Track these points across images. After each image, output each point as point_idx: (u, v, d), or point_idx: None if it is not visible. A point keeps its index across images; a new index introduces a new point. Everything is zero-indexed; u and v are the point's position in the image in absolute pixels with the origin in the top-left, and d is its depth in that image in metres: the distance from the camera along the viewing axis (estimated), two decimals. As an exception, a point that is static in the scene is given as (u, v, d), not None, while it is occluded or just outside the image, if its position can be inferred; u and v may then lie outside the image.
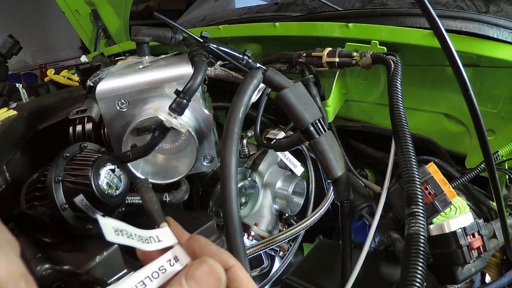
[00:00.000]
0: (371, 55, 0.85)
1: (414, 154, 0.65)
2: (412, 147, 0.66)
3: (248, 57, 0.89)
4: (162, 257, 0.40)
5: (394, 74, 0.77)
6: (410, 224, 0.56)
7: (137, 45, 0.80)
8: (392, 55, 0.83)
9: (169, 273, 0.39)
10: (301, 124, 0.68)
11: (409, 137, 0.67)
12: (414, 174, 0.61)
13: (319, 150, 0.68)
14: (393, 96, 0.73)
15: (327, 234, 1.28)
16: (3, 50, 1.77)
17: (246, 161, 1.07)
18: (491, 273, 0.83)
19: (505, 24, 0.83)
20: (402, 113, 0.70)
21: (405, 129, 0.67)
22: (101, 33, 2.07)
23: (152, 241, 0.40)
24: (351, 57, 0.89)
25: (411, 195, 0.59)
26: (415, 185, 0.60)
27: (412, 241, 0.54)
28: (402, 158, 0.64)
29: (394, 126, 0.70)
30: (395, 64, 0.80)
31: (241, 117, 0.61)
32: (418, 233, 0.54)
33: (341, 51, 0.92)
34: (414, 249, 0.53)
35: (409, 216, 0.57)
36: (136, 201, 0.78)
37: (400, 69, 0.79)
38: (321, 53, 0.93)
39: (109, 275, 0.66)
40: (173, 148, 0.77)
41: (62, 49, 6.12)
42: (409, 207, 0.58)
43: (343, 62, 0.90)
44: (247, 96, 0.63)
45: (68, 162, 0.65)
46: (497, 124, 0.93)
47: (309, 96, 0.70)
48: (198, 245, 0.41)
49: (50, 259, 0.63)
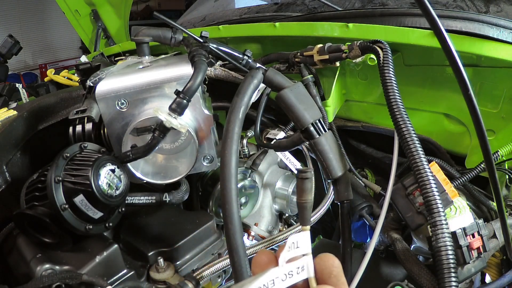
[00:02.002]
0: (358, 45, 0.84)
1: (422, 150, 0.64)
2: (418, 140, 0.65)
3: (248, 57, 0.89)
4: (295, 263, 0.41)
5: (385, 61, 0.75)
6: (437, 236, 0.58)
7: (137, 45, 0.80)
8: (379, 42, 0.81)
9: (294, 279, 0.40)
10: (301, 124, 0.68)
11: (413, 131, 0.66)
12: (430, 180, 0.61)
13: (319, 150, 0.68)
14: (388, 84, 0.70)
15: (327, 234, 1.28)
16: (3, 50, 1.77)
17: (246, 161, 1.07)
18: (491, 273, 0.83)
19: (505, 24, 0.83)
20: (401, 105, 0.68)
21: (407, 123, 0.66)
22: (101, 33, 2.07)
23: (292, 247, 0.41)
24: (341, 51, 0.88)
25: (431, 203, 0.59)
26: (433, 192, 0.60)
27: (441, 255, 0.57)
28: (413, 160, 0.63)
29: (395, 120, 0.68)
30: (383, 50, 0.78)
31: (241, 117, 0.61)
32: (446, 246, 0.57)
33: (330, 46, 0.91)
34: (446, 265, 0.56)
35: (433, 227, 0.58)
36: (136, 201, 0.78)
37: (390, 55, 0.76)
38: (312, 52, 0.92)
39: (109, 275, 0.66)
40: (173, 148, 0.77)
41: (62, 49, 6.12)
42: (431, 216, 0.59)
43: (333, 57, 0.89)
44: (247, 96, 0.64)
45: (68, 162, 0.65)
46: (497, 124, 0.93)
47: (309, 96, 0.70)
48: (325, 265, 0.42)
49: (50, 259, 0.63)
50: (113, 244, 0.67)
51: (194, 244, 0.81)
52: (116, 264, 0.67)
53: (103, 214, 0.66)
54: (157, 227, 0.83)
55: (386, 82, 0.70)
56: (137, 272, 0.71)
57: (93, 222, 0.65)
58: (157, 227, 0.83)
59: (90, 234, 0.65)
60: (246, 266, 0.58)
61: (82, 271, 0.62)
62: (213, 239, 0.83)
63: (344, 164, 0.69)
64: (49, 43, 5.99)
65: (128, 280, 0.68)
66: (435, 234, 0.58)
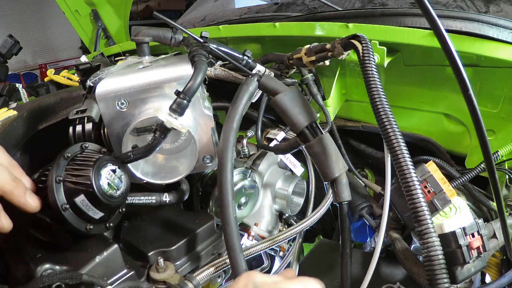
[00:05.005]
0: (339, 43, 0.82)
1: (407, 150, 0.60)
2: (403, 142, 0.61)
3: (248, 57, 0.89)
4: None
5: (365, 55, 0.69)
6: (426, 246, 0.57)
7: (137, 45, 0.80)
8: (357, 36, 0.75)
9: None
10: (296, 128, 0.69)
11: (398, 131, 0.61)
12: (416, 189, 0.58)
13: (314, 152, 0.68)
14: (370, 80, 0.65)
15: (327, 234, 1.28)
16: (3, 50, 1.77)
17: (246, 161, 1.07)
18: (491, 273, 0.83)
19: (505, 24, 0.83)
20: (386, 105, 0.64)
21: (393, 124, 0.62)
22: (101, 33, 2.07)
23: None
24: (326, 50, 0.86)
25: (417, 212, 0.57)
26: (419, 199, 0.57)
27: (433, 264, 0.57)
28: (398, 163, 0.60)
29: (379, 117, 0.64)
30: (363, 44, 0.72)
31: (235, 127, 0.66)
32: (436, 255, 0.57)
33: (315, 46, 0.89)
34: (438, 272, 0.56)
35: (421, 235, 0.57)
36: (136, 201, 0.78)
37: (369, 48, 0.70)
38: (300, 54, 0.92)
39: (109, 275, 0.66)
40: (173, 148, 0.77)
41: (62, 49, 6.13)
42: (418, 224, 0.57)
43: (320, 57, 0.88)
44: (242, 105, 0.68)
45: (69, 162, 0.65)
46: (497, 124, 0.93)
47: (304, 99, 0.71)
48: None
49: (50, 259, 0.63)
50: (113, 244, 0.67)
51: (194, 244, 0.81)
52: (116, 264, 0.67)
53: (104, 214, 0.66)
54: (157, 227, 0.83)
55: (369, 77, 0.66)
56: (137, 272, 0.70)
57: (94, 222, 0.65)
58: (157, 227, 0.83)
59: (90, 234, 0.65)
60: (243, 266, 0.59)
61: (82, 271, 0.62)
62: (213, 239, 0.83)
63: (342, 165, 0.69)
64: (49, 43, 5.99)
65: (128, 280, 0.68)
66: (424, 244, 0.57)
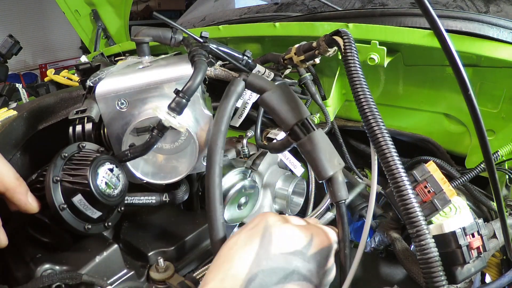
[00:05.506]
0: (324, 40, 0.81)
1: (395, 148, 0.58)
2: (390, 140, 0.58)
3: (247, 57, 0.89)
4: None
5: (347, 51, 0.66)
6: (421, 248, 0.53)
7: (137, 45, 0.80)
8: (339, 32, 0.73)
9: None
10: (285, 126, 0.65)
11: (384, 129, 0.59)
12: (408, 192, 0.55)
13: (306, 150, 0.64)
14: (354, 76, 0.62)
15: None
16: (3, 50, 1.77)
17: (246, 161, 1.06)
18: (491, 273, 0.83)
19: (505, 24, 0.83)
20: (372, 104, 0.62)
21: (380, 123, 0.60)
22: (101, 33, 2.07)
23: None
24: (313, 49, 0.86)
25: (410, 214, 0.54)
26: (411, 201, 0.54)
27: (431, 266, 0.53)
28: (386, 164, 0.58)
29: (363, 114, 0.61)
30: (344, 40, 0.69)
31: (223, 129, 0.66)
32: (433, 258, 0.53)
33: (303, 45, 0.88)
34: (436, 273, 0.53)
35: (415, 238, 0.54)
36: (136, 201, 0.78)
37: (352, 42, 0.68)
38: (290, 55, 0.92)
39: (109, 275, 0.66)
40: (173, 148, 0.77)
41: (62, 49, 6.13)
42: (410, 226, 0.54)
43: (308, 56, 0.87)
44: (229, 106, 0.67)
45: (66, 162, 0.65)
46: (497, 124, 0.93)
47: (294, 96, 0.67)
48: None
49: (50, 259, 0.63)
50: (113, 244, 0.67)
51: (194, 244, 0.81)
52: (116, 264, 0.67)
53: (102, 214, 0.66)
54: (157, 227, 0.83)
55: (352, 73, 0.63)
56: (137, 272, 0.71)
57: (92, 221, 0.65)
58: (157, 227, 0.83)
59: (89, 233, 0.65)
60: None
61: (82, 271, 0.62)
62: (213, 239, 0.83)
63: (337, 163, 0.65)
64: (49, 43, 6.00)
65: (128, 280, 0.68)
66: (419, 246, 0.54)
